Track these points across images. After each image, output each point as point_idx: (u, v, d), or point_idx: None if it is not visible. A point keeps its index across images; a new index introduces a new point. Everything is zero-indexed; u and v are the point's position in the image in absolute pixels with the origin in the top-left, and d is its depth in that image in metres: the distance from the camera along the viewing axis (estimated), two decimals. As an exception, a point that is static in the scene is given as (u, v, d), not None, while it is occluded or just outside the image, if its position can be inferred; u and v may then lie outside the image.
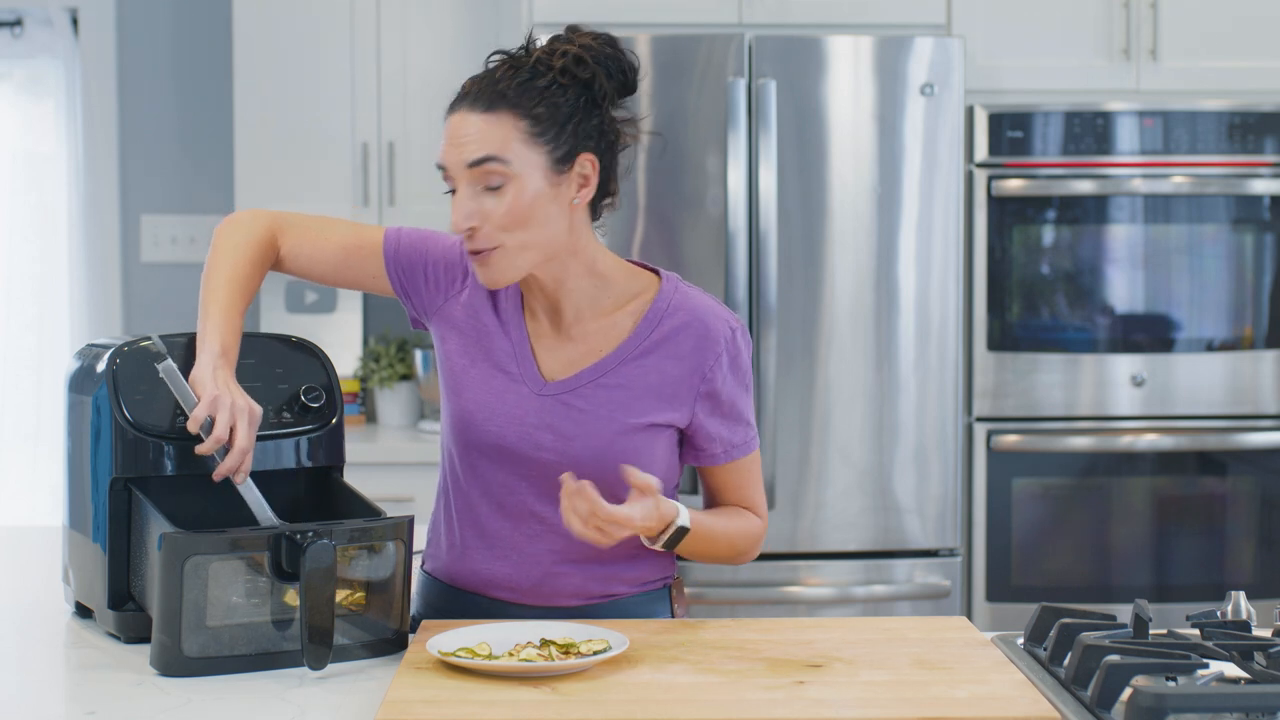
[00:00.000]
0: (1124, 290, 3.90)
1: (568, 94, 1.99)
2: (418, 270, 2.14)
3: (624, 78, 2.05)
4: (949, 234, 3.72)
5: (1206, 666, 1.69)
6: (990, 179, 3.84)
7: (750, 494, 2.15)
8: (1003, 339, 3.87)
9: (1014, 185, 3.83)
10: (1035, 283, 3.89)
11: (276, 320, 4.47)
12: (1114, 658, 1.64)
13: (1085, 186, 3.84)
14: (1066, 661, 1.74)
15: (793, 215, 3.69)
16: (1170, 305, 3.91)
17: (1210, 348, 3.91)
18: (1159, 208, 3.89)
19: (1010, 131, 3.84)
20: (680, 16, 3.82)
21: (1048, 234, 3.90)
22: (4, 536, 2.74)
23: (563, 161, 1.99)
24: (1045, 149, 3.85)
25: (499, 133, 1.96)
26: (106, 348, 2.00)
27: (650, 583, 2.14)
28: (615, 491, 1.97)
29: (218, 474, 1.91)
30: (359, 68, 4.22)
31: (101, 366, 1.96)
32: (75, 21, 4.52)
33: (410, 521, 1.91)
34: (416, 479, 3.95)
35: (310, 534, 1.80)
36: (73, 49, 4.53)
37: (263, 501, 1.92)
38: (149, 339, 1.98)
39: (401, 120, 4.22)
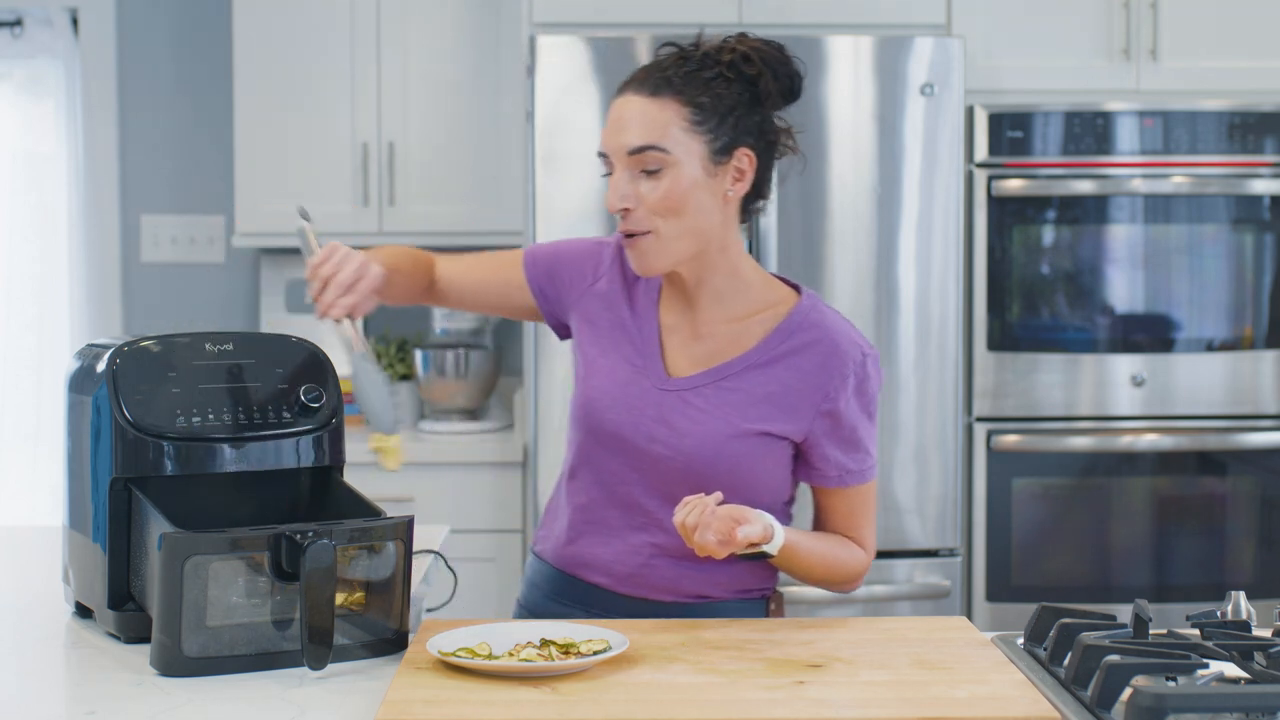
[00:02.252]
0: (1124, 290, 3.90)
1: (732, 88, 2.04)
2: (554, 272, 2.20)
3: (790, 83, 2.09)
4: (949, 234, 3.72)
5: (1206, 666, 1.69)
6: (990, 179, 3.84)
7: (859, 523, 2.15)
8: (1003, 339, 3.87)
9: (1014, 185, 3.83)
10: (1035, 283, 3.89)
11: (276, 320, 4.47)
12: (1114, 658, 1.64)
13: (1085, 186, 3.84)
14: (1066, 661, 1.74)
15: (793, 215, 3.69)
16: (1170, 305, 3.91)
17: (1210, 348, 3.91)
18: (1159, 208, 3.89)
19: (1010, 131, 3.84)
20: (680, 16, 3.82)
21: (1048, 234, 3.90)
22: (4, 536, 2.74)
23: (721, 153, 2.04)
24: (1045, 149, 3.85)
25: (661, 118, 2.02)
26: (106, 348, 2.00)
27: (747, 591, 2.15)
28: (725, 493, 1.99)
29: (318, 312, 1.97)
30: (359, 68, 4.22)
31: (101, 366, 1.96)
32: (75, 21, 4.52)
33: (410, 521, 1.90)
34: (416, 479, 3.95)
35: (310, 534, 1.80)
36: (73, 49, 4.53)
37: (354, 342, 1.94)
38: (301, 213, 2.05)
39: (401, 120, 4.22)
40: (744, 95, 2.05)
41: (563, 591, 2.16)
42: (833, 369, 2.08)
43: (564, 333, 2.25)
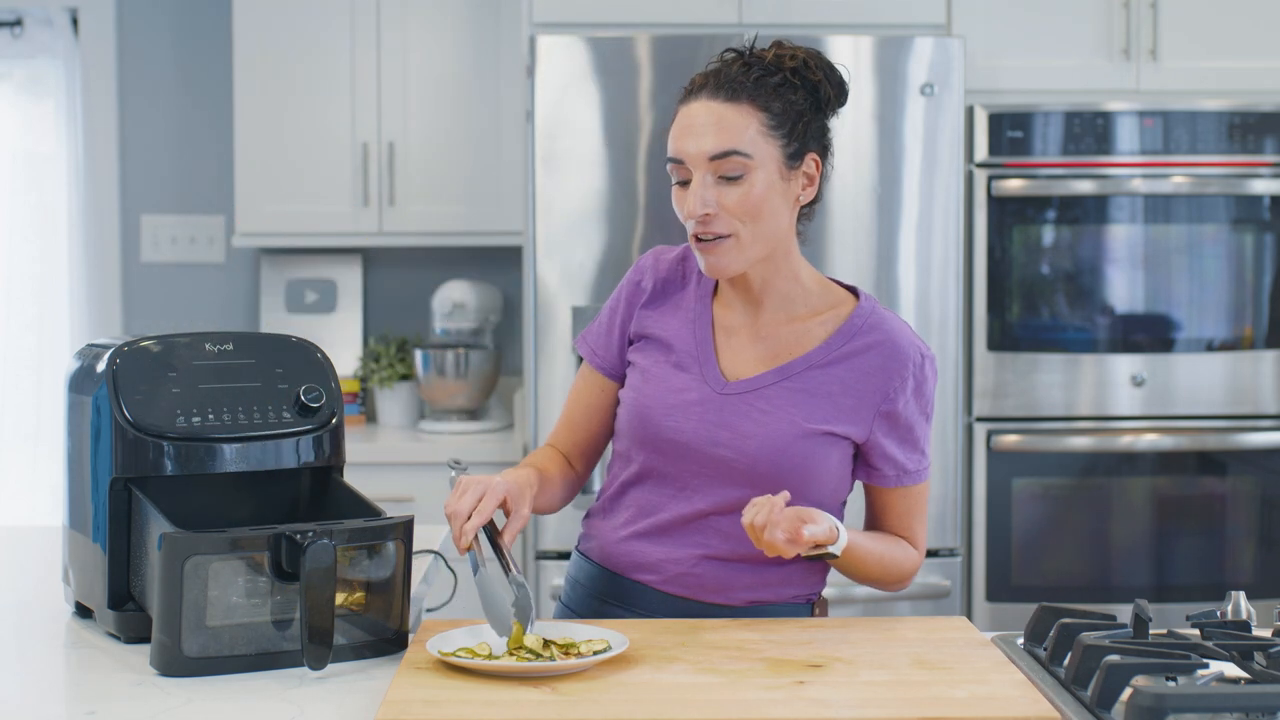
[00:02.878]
0: (1124, 290, 3.90)
1: (798, 94, 2.06)
2: (621, 340, 2.21)
3: (841, 88, 2.12)
4: (949, 234, 3.72)
5: (1206, 666, 1.69)
6: (990, 179, 3.84)
7: (912, 523, 2.17)
8: (1003, 339, 3.87)
9: (1014, 185, 3.83)
10: (1035, 283, 3.89)
11: (276, 320, 4.47)
12: (1114, 658, 1.64)
13: (1085, 186, 3.84)
14: (1066, 661, 1.74)
15: (793, 215, 3.68)
16: (1170, 305, 3.91)
17: (1210, 348, 3.91)
18: (1159, 208, 3.89)
19: (1010, 131, 3.84)
20: (680, 16, 3.82)
21: (1048, 234, 3.90)
22: (4, 536, 2.74)
23: (794, 158, 2.07)
24: (1045, 149, 3.85)
25: (741, 123, 2.03)
26: (106, 348, 2.00)
27: (795, 596, 2.16)
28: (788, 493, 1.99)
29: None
30: (359, 68, 4.22)
31: (101, 366, 1.97)
32: (75, 21, 4.52)
33: (410, 521, 1.91)
34: (416, 479, 3.95)
35: (310, 534, 1.80)
36: (73, 49, 4.53)
37: (480, 558, 1.93)
38: (456, 464, 2.05)
39: (401, 120, 4.22)
40: (808, 101, 2.07)
41: (609, 591, 2.16)
42: (893, 370, 2.10)
43: None
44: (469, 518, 1.91)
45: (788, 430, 2.07)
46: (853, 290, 2.18)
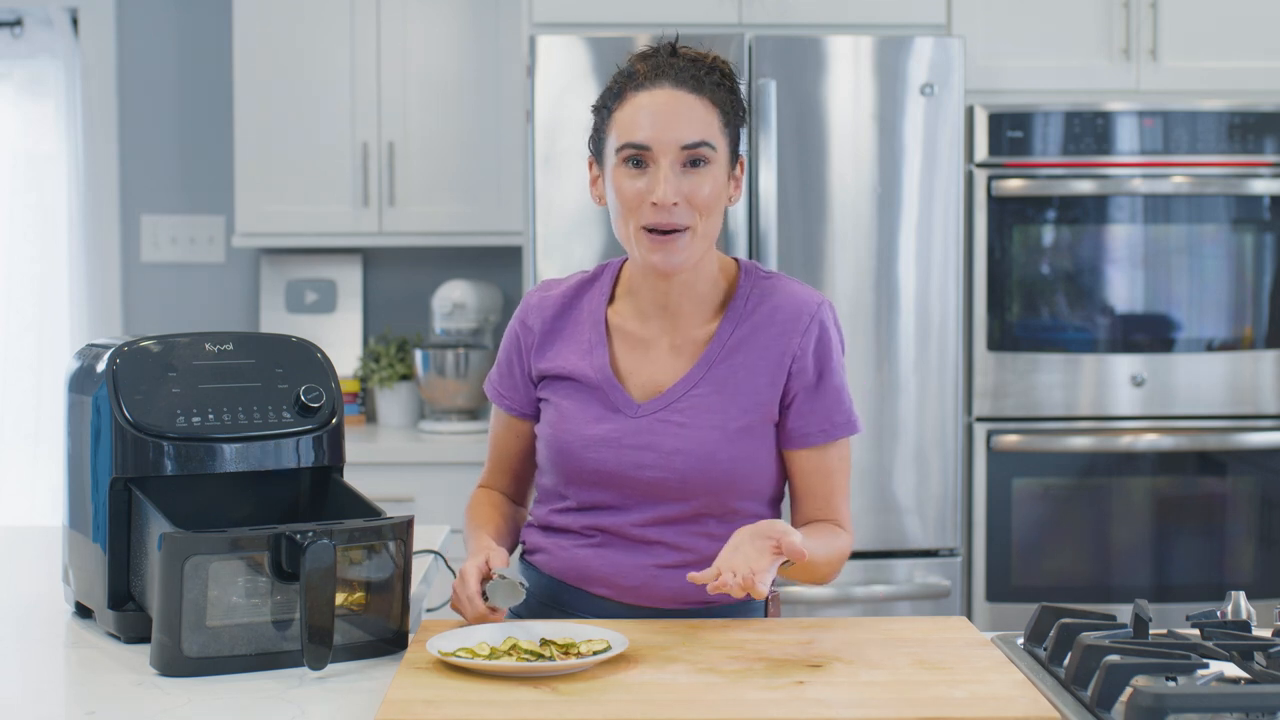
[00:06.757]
0: (1124, 290, 3.90)
1: (735, 97, 2.07)
2: (523, 380, 2.20)
3: (745, 101, 2.13)
4: (949, 234, 3.72)
5: (1206, 666, 1.69)
6: (990, 179, 3.84)
7: (835, 496, 2.11)
8: (1003, 339, 3.87)
9: (1014, 185, 3.83)
10: (1035, 283, 3.89)
11: (276, 320, 4.47)
12: (1114, 658, 1.64)
13: (1085, 186, 3.84)
14: (1066, 661, 1.74)
15: (793, 215, 3.69)
16: (1170, 305, 3.91)
17: (1210, 348, 3.91)
18: (1159, 208, 3.89)
19: (1010, 131, 3.84)
20: (680, 16, 3.82)
21: (1048, 234, 3.90)
22: (4, 536, 2.74)
23: (732, 160, 2.07)
24: (1045, 149, 3.85)
25: (708, 116, 2.03)
26: (106, 348, 2.00)
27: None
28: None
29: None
30: (359, 68, 4.22)
31: (101, 366, 1.97)
32: (75, 21, 4.52)
33: (410, 521, 1.91)
34: (416, 479, 3.95)
35: (310, 534, 1.80)
36: (73, 49, 4.53)
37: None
38: (503, 578, 1.98)
39: (401, 120, 4.22)
40: (739, 107, 2.09)
41: (562, 601, 2.15)
42: (791, 330, 2.08)
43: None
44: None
45: (711, 437, 2.06)
46: (736, 262, 2.17)
